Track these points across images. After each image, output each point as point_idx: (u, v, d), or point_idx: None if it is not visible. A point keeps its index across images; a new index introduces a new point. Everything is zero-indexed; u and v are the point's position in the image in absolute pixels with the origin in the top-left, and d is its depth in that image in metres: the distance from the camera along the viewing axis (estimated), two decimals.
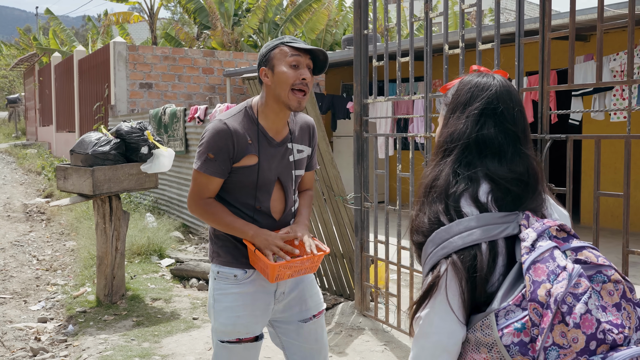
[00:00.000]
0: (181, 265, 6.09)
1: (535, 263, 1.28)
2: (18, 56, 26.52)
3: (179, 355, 4.05)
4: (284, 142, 2.36)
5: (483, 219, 1.37)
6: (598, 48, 2.92)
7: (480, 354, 1.31)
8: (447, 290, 1.34)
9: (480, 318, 1.31)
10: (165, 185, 9.08)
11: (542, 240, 1.32)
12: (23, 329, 4.75)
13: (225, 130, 2.23)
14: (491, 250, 1.35)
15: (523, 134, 1.49)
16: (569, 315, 1.21)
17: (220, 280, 2.35)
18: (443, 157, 1.49)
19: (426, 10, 3.95)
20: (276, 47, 2.25)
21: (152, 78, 11.81)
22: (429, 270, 1.40)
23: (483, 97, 1.48)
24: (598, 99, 7.36)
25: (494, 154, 1.44)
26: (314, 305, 2.49)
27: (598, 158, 2.96)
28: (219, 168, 2.25)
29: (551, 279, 1.25)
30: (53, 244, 7.97)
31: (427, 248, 1.40)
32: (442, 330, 1.34)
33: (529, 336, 1.25)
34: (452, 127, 1.50)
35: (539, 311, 1.23)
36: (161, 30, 21.37)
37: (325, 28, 16.43)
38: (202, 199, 2.30)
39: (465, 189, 1.41)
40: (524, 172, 1.43)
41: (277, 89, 2.23)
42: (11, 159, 17.15)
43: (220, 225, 2.29)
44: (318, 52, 2.28)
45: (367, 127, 4.61)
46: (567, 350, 1.21)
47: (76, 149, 4.98)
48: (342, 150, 10.87)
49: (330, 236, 5.07)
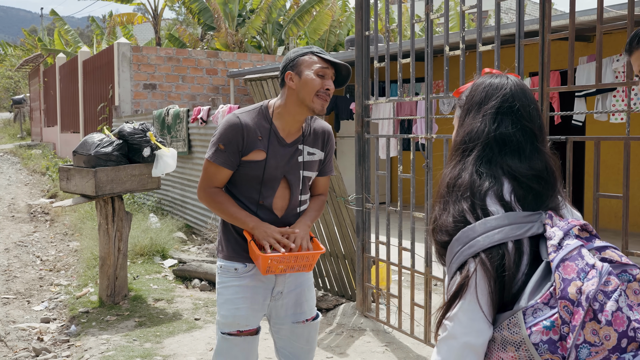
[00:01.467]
0: (184, 265, 6.11)
1: (564, 261, 1.28)
2: (23, 57, 26.60)
3: (180, 355, 4.06)
4: (295, 143, 2.44)
5: (509, 218, 1.37)
6: (597, 49, 2.92)
7: (507, 353, 1.30)
8: (477, 289, 1.33)
9: (507, 316, 1.30)
10: (169, 185, 9.10)
11: (569, 239, 1.33)
12: (26, 329, 4.78)
13: (237, 123, 2.35)
14: (517, 250, 1.34)
15: (540, 131, 1.50)
16: (601, 312, 1.21)
17: (222, 274, 2.47)
18: (463, 156, 1.49)
19: (427, 11, 3.96)
20: (305, 54, 2.36)
21: (156, 79, 11.85)
22: (456, 269, 1.39)
23: (498, 96, 1.49)
24: (601, 100, 7.35)
25: (514, 152, 1.44)
26: (308, 310, 2.59)
27: (597, 159, 2.96)
28: (228, 159, 2.36)
29: (581, 277, 1.25)
30: (57, 245, 8.00)
31: (454, 247, 1.39)
32: (471, 331, 1.33)
33: (558, 334, 1.24)
34: (468, 127, 1.50)
35: (569, 309, 1.23)
36: (165, 31, 21.43)
37: (329, 29, 16.44)
38: (210, 187, 2.43)
39: (490, 187, 1.41)
40: (542, 169, 1.43)
41: (301, 93, 2.33)
42: (16, 160, 17.20)
43: (224, 214, 2.40)
44: (342, 67, 2.40)
45: (368, 128, 4.62)
46: (599, 348, 1.21)
47: (79, 150, 5.00)
48: (346, 151, 10.87)
49: (332, 237, 5.08)
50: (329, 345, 4.23)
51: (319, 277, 5.32)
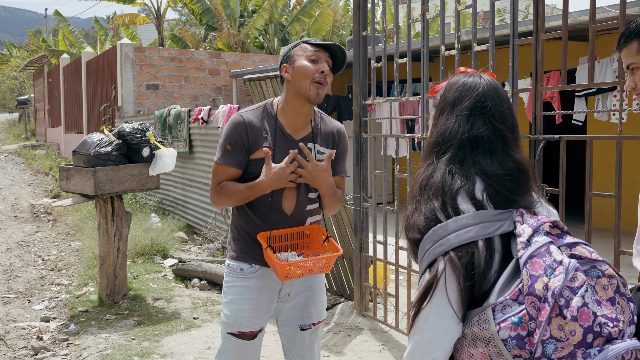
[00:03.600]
0: (183, 265, 6.14)
1: (532, 258, 1.29)
2: (28, 58, 26.71)
3: (178, 354, 4.09)
4: (303, 140, 2.38)
5: (479, 217, 1.39)
6: (590, 48, 2.93)
7: (477, 349, 1.32)
8: (446, 287, 1.35)
9: (477, 313, 1.32)
10: (170, 185, 9.13)
11: (538, 235, 1.34)
12: (26, 328, 4.81)
13: (240, 121, 2.33)
14: (488, 248, 1.36)
15: (512, 130, 1.51)
16: (567, 308, 1.23)
17: (229, 274, 2.45)
18: (437, 157, 1.50)
19: (423, 11, 3.97)
20: (296, 45, 2.36)
21: (158, 79, 11.88)
22: (426, 267, 1.41)
23: (471, 96, 1.50)
24: (601, 100, 7.34)
25: (485, 152, 1.46)
26: (316, 314, 2.52)
27: (590, 159, 2.97)
28: (236, 158, 2.32)
29: (548, 273, 1.26)
30: (59, 244, 8.04)
31: (424, 245, 1.41)
32: (438, 327, 1.35)
33: (526, 330, 1.26)
34: (442, 127, 1.52)
35: (536, 305, 1.25)
36: (169, 32, 21.48)
37: (332, 29, 16.45)
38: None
39: (462, 186, 1.43)
40: (514, 168, 1.45)
41: (297, 82, 2.29)
42: (20, 160, 17.28)
43: (237, 197, 2.33)
44: (336, 49, 2.35)
45: (366, 128, 4.63)
46: (565, 343, 1.23)
47: (78, 150, 5.03)
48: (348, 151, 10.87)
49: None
50: (327, 344, 4.24)
51: None
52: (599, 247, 6.40)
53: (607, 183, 8.03)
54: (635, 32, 1.82)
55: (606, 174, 8.15)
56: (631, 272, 5.62)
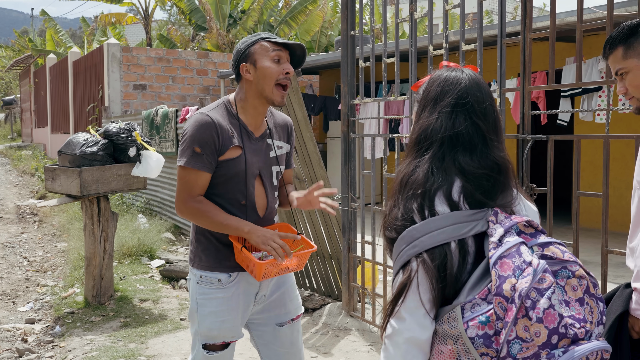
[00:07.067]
0: (170, 266, 6.10)
1: (502, 258, 1.31)
2: (14, 58, 26.49)
3: (164, 355, 4.05)
4: (263, 137, 2.36)
5: (452, 218, 1.39)
6: (577, 48, 2.93)
7: (446, 346, 1.34)
8: (419, 288, 1.37)
9: (447, 311, 1.34)
10: (158, 186, 9.08)
11: (509, 235, 1.35)
12: (10, 330, 4.75)
13: (208, 121, 2.20)
14: (460, 249, 1.37)
15: (494, 127, 1.50)
16: (532, 310, 1.24)
17: (203, 285, 2.31)
18: (419, 153, 1.49)
19: (411, 11, 3.96)
20: (255, 42, 2.25)
21: (145, 79, 11.82)
22: (399, 268, 1.42)
23: (453, 92, 1.48)
24: (587, 100, 7.38)
25: (466, 149, 1.45)
26: (293, 309, 2.48)
27: (578, 158, 2.98)
28: (206, 161, 2.19)
29: (517, 274, 1.28)
30: (44, 245, 7.97)
31: (399, 245, 1.42)
32: (415, 327, 1.37)
33: (493, 329, 1.28)
34: (424, 124, 1.50)
35: (503, 305, 1.26)
36: (157, 32, 21.37)
37: (320, 30, 16.46)
38: (192, 197, 2.22)
39: (440, 187, 1.42)
40: (492, 166, 1.44)
41: (260, 84, 2.23)
42: (6, 161, 17.12)
43: (213, 224, 2.21)
44: (296, 47, 2.30)
45: (354, 128, 4.62)
46: (530, 344, 1.25)
47: (64, 150, 4.98)
48: (335, 151, 10.86)
49: (319, 237, 5.08)
50: (314, 345, 4.22)
51: (305, 277, 5.31)
52: (587, 247, 6.37)
53: (594, 184, 8.07)
54: (619, 39, 1.85)
55: (593, 175, 8.19)
56: (619, 271, 5.66)
